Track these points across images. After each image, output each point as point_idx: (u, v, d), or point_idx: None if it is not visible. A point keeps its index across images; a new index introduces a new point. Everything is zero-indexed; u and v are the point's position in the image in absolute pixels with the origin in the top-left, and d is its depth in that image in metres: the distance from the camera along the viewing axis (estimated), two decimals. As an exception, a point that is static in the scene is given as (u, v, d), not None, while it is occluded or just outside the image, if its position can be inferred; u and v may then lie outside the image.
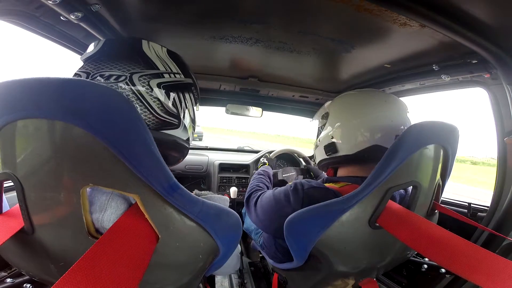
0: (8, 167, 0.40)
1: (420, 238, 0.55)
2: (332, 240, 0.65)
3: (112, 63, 0.49)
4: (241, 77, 1.47)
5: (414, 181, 0.65)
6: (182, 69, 0.57)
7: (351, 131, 0.79)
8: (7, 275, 0.76)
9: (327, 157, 0.86)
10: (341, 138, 0.81)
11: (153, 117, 0.50)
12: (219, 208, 0.51)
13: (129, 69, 0.49)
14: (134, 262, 0.39)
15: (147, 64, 0.51)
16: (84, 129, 0.36)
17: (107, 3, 0.76)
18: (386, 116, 0.77)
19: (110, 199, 0.45)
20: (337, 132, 0.82)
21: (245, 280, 1.39)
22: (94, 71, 0.48)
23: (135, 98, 0.48)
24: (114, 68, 0.48)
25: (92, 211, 0.44)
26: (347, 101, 0.86)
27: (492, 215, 0.88)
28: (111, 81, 0.47)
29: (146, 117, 0.50)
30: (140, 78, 0.49)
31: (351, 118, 0.80)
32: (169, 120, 0.53)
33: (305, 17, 0.78)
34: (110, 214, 0.44)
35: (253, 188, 1.00)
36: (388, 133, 0.75)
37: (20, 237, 0.44)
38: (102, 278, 0.35)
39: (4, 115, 0.38)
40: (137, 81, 0.49)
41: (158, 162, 0.40)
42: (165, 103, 0.52)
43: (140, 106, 0.49)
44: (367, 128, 0.76)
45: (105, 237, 0.39)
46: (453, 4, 0.58)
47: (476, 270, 0.46)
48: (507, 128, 0.84)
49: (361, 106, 0.81)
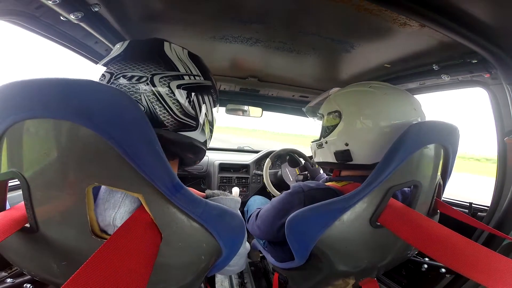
0: (15, 166, 0.41)
1: (421, 236, 0.55)
2: (333, 239, 0.65)
3: (135, 64, 0.49)
4: (241, 77, 1.47)
5: (414, 181, 0.66)
6: (202, 72, 0.58)
7: (373, 140, 0.70)
8: (7, 275, 0.76)
9: (336, 162, 0.79)
10: (359, 146, 0.72)
11: (172, 118, 0.51)
12: (222, 209, 0.51)
13: (150, 70, 0.49)
14: (144, 259, 0.40)
15: (168, 65, 0.52)
16: (90, 129, 0.36)
17: (107, 3, 0.76)
18: (408, 123, 0.66)
19: (125, 196, 0.46)
20: (353, 141, 0.73)
21: (245, 280, 1.39)
22: (118, 72, 0.48)
23: (155, 99, 0.49)
24: (136, 69, 0.49)
25: (106, 207, 0.46)
26: (364, 101, 0.75)
27: (492, 214, 0.88)
28: (133, 81, 0.48)
29: (165, 118, 0.50)
30: (161, 80, 0.49)
31: (372, 124, 0.70)
32: (187, 122, 0.53)
33: (305, 17, 0.78)
34: (123, 212, 0.45)
35: (251, 215, 1.01)
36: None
37: (23, 235, 0.44)
38: (117, 272, 0.36)
39: (11, 115, 0.38)
40: (158, 82, 0.49)
41: (162, 162, 0.40)
42: (184, 105, 0.52)
43: (159, 107, 0.49)
44: (390, 138, 0.64)
45: (118, 233, 0.39)
46: (453, 4, 0.58)
47: (477, 269, 0.47)
48: (507, 128, 0.84)
49: (383, 108, 0.71)
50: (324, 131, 0.85)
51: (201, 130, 0.56)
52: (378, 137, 0.70)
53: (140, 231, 0.41)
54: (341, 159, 0.77)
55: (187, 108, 0.52)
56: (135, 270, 0.37)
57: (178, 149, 0.53)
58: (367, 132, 0.72)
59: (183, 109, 0.52)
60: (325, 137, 0.83)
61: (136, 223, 0.42)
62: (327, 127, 0.83)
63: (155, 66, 0.50)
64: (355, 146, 0.73)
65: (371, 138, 0.71)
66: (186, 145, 0.54)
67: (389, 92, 0.74)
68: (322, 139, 0.85)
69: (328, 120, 0.83)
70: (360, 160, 0.74)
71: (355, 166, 0.76)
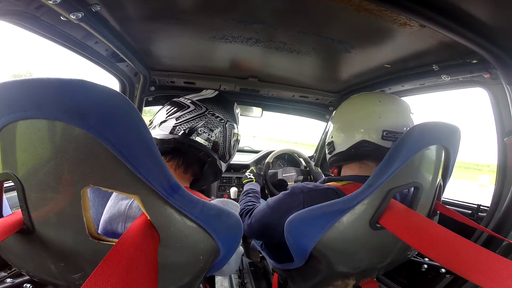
0: (9, 168, 0.40)
1: (422, 239, 0.54)
2: (332, 240, 0.65)
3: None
4: (241, 77, 1.47)
5: (415, 182, 0.65)
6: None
7: (344, 129, 0.85)
8: (7, 275, 0.76)
9: (329, 156, 0.91)
10: (336, 136, 0.87)
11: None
12: (220, 209, 0.51)
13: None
14: (151, 262, 0.40)
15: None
16: (84, 129, 0.36)
17: (107, 3, 0.76)
18: (375, 112, 0.79)
19: None
20: (334, 131, 0.89)
21: (245, 280, 1.39)
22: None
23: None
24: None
25: (123, 197, 0.49)
26: (346, 103, 0.91)
27: (492, 215, 0.88)
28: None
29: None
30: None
31: (343, 118, 0.87)
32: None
33: (305, 17, 0.78)
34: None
35: (243, 209, 1.00)
36: (374, 128, 0.77)
37: (20, 237, 0.44)
38: (131, 274, 0.36)
39: (4, 115, 0.37)
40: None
41: (158, 162, 0.40)
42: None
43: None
44: (355, 125, 0.82)
45: (123, 240, 0.39)
46: (453, 4, 0.58)
47: (478, 271, 0.46)
48: (507, 128, 0.84)
49: (353, 105, 0.88)
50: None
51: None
52: (346, 128, 0.85)
53: (144, 235, 0.41)
54: (328, 150, 0.91)
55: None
56: (144, 276, 0.37)
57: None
58: (339, 125, 0.87)
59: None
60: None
61: (140, 226, 0.42)
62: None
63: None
64: (335, 137, 0.88)
65: (342, 129, 0.85)
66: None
67: (364, 94, 0.92)
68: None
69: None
70: (339, 148, 0.85)
71: (339, 156, 0.86)
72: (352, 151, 0.80)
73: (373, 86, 1.31)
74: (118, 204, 0.53)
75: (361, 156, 0.80)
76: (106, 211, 0.54)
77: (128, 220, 0.50)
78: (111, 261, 0.36)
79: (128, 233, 0.40)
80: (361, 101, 0.87)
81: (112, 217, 0.52)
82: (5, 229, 0.40)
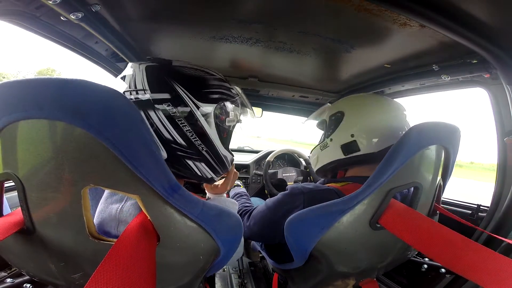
0: (10, 167, 0.41)
1: (423, 238, 0.54)
2: (332, 240, 0.65)
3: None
4: (241, 77, 1.47)
5: (415, 182, 0.65)
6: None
7: (377, 129, 0.78)
8: (7, 275, 0.76)
9: (344, 158, 0.82)
10: (365, 136, 0.78)
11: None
12: (220, 209, 0.51)
13: None
14: (149, 262, 0.40)
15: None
16: (84, 129, 0.36)
17: (107, 3, 0.76)
18: (396, 118, 0.80)
19: None
20: (359, 130, 0.79)
21: (245, 280, 1.39)
22: None
23: None
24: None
25: (113, 201, 0.47)
26: (364, 102, 0.86)
27: (492, 215, 0.88)
28: None
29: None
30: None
31: (375, 116, 0.80)
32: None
33: (305, 17, 0.78)
34: (129, 205, 0.46)
35: (241, 210, 0.98)
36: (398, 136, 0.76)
37: (20, 236, 0.44)
38: (129, 273, 0.36)
39: (5, 115, 0.38)
40: None
41: (159, 162, 0.40)
42: None
43: None
44: (391, 127, 0.78)
45: (121, 240, 0.39)
46: (453, 4, 0.58)
47: (478, 270, 0.46)
48: (507, 128, 0.84)
49: (381, 106, 0.82)
50: (327, 131, 0.89)
51: None
52: (380, 124, 0.78)
53: (142, 235, 0.41)
54: (348, 151, 0.81)
55: None
56: (143, 276, 0.37)
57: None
58: (370, 121, 0.79)
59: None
60: (329, 136, 0.86)
61: (138, 226, 0.42)
62: (331, 127, 0.87)
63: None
64: (361, 135, 0.79)
65: (374, 126, 0.79)
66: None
67: (381, 97, 0.88)
68: (326, 139, 0.88)
69: (331, 121, 0.89)
70: (367, 149, 0.78)
71: (364, 158, 0.78)
72: (377, 154, 0.76)
73: (373, 86, 1.31)
74: (109, 208, 0.52)
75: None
76: (97, 215, 0.53)
77: (120, 224, 0.49)
78: (112, 261, 0.36)
79: (126, 233, 0.40)
80: (385, 102, 0.84)
81: (104, 221, 0.51)
82: (5, 229, 0.40)
